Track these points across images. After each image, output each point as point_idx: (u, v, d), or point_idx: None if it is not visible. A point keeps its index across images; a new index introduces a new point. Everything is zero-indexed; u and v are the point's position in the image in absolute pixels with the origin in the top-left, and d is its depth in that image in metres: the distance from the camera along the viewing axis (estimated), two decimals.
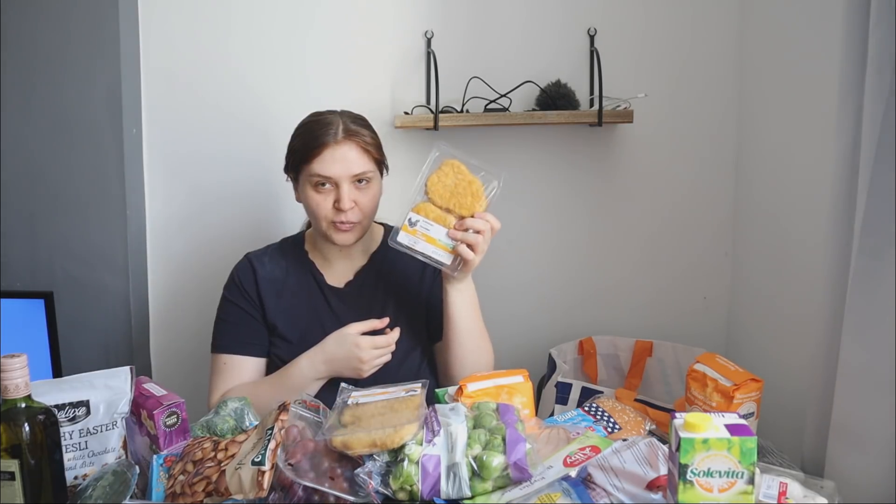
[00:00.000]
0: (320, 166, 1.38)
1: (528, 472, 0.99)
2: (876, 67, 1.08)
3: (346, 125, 1.40)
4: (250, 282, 1.49)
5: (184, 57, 1.88)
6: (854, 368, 1.14)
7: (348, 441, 1.00)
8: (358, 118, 1.45)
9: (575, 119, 1.83)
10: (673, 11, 1.93)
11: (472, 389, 1.19)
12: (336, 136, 1.38)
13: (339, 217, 1.40)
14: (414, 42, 1.90)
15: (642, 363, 1.90)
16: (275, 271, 1.50)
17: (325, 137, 1.38)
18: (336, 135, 1.38)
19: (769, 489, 1.00)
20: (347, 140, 1.38)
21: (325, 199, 1.40)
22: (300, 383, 1.37)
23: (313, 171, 1.39)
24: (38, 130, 1.80)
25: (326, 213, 1.40)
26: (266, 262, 1.51)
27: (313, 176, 1.39)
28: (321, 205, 1.40)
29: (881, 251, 1.09)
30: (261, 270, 1.50)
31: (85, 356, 1.80)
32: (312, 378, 1.38)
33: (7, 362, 0.92)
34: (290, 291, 1.49)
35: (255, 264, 1.50)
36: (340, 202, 1.39)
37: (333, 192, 1.40)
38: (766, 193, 1.83)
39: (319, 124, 1.41)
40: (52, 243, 1.83)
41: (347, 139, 1.38)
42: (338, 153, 1.38)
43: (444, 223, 1.32)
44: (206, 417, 1.19)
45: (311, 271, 1.51)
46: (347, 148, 1.39)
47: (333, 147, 1.38)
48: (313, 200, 1.41)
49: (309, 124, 1.44)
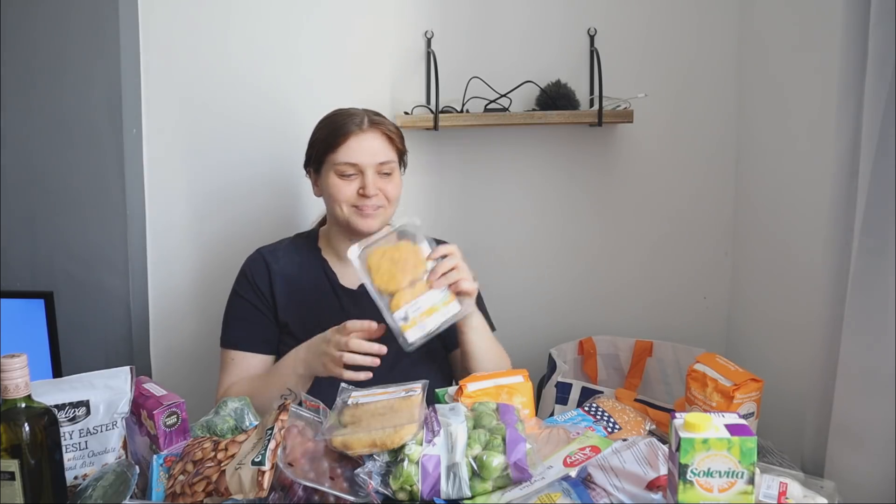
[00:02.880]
0: (346, 154, 1.40)
1: (528, 472, 0.99)
2: (876, 67, 1.08)
3: (370, 116, 1.44)
4: (263, 277, 1.48)
5: (184, 57, 1.88)
6: (854, 368, 1.14)
7: (348, 441, 1.00)
8: (378, 113, 1.48)
9: (575, 119, 1.83)
10: (673, 11, 1.93)
11: (471, 389, 1.19)
12: (362, 124, 1.42)
13: (363, 202, 1.41)
14: (414, 42, 1.90)
15: (642, 363, 1.90)
16: (288, 267, 1.50)
17: (350, 126, 1.41)
18: (362, 124, 1.42)
19: (769, 489, 1.00)
20: (373, 129, 1.42)
21: (348, 186, 1.42)
22: (286, 377, 1.35)
23: (339, 159, 1.41)
24: (38, 130, 1.80)
25: (349, 197, 1.42)
26: (280, 258, 1.51)
27: (339, 164, 1.41)
28: (343, 190, 1.42)
29: (881, 251, 1.09)
30: (274, 265, 1.49)
31: (85, 356, 1.79)
32: (294, 373, 1.34)
33: (7, 362, 0.92)
34: (303, 289, 1.49)
35: (268, 259, 1.50)
36: (366, 189, 1.40)
37: (358, 180, 1.42)
38: (766, 193, 1.83)
39: (343, 115, 1.45)
40: (52, 243, 1.83)
41: (373, 128, 1.42)
42: (364, 141, 1.41)
43: (421, 291, 1.23)
44: (205, 417, 1.19)
45: (324, 270, 1.51)
46: (373, 136, 1.42)
47: (359, 135, 1.41)
48: (336, 187, 1.42)
49: (333, 116, 1.47)
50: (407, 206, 1.71)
